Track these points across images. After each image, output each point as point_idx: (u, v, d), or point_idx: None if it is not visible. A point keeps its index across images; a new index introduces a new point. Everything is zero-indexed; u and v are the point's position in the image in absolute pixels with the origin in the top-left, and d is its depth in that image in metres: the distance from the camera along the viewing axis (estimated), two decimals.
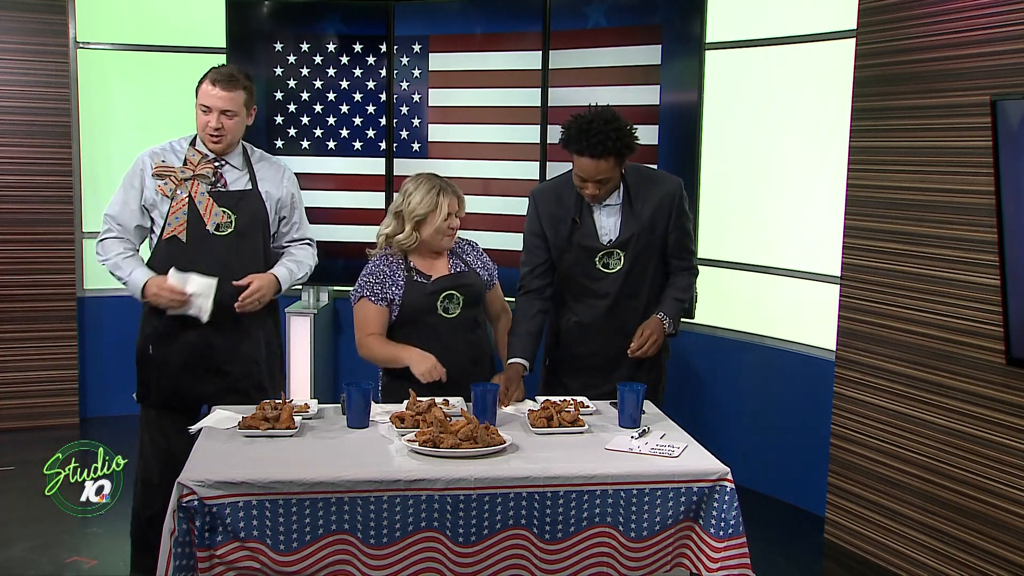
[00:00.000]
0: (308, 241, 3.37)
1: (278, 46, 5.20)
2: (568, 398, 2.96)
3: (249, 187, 3.16)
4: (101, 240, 3.12)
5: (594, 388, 3.17)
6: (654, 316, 3.12)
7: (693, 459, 2.53)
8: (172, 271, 3.00)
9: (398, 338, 3.10)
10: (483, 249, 3.32)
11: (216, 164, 3.12)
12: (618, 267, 3.15)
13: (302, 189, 3.16)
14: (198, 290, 3.00)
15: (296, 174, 5.20)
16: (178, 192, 3.05)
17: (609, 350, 3.18)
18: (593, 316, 3.20)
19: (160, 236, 3.08)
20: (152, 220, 3.12)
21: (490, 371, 3.19)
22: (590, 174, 3.00)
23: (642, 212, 3.12)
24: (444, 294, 3.08)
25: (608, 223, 3.16)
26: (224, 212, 3.07)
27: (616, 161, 3.00)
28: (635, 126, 3.09)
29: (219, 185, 3.11)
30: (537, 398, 3.01)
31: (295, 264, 3.25)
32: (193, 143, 3.14)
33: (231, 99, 3.04)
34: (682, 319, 3.30)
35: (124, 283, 3.08)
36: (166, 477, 3.03)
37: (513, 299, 3.29)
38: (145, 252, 3.18)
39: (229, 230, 3.08)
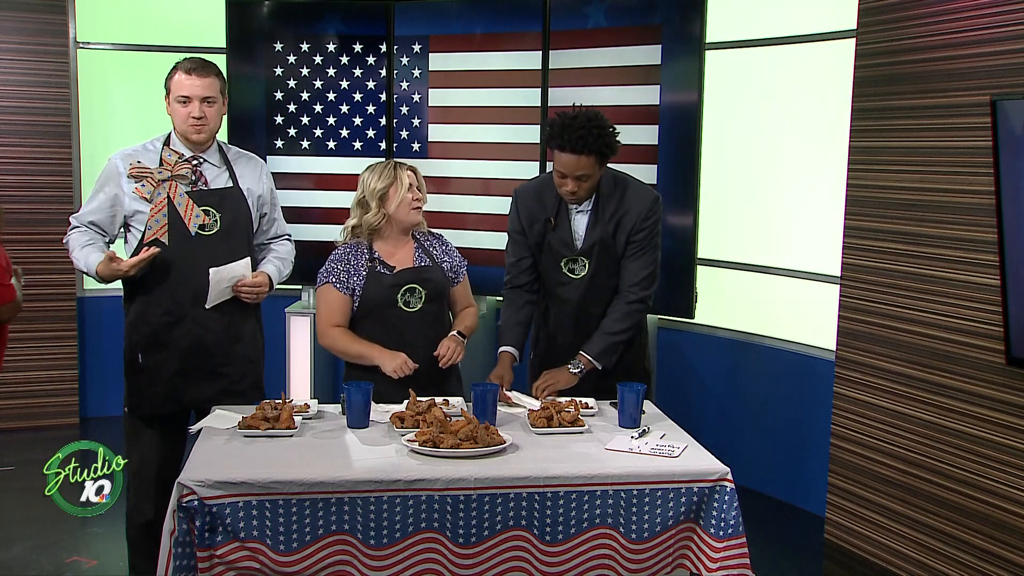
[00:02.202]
0: (287, 236, 3.33)
1: (278, 46, 5.20)
2: (569, 398, 2.95)
3: (230, 184, 3.09)
4: (67, 239, 3.04)
5: (570, 394, 3.13)
6: (565, 367, 3.08)
7: (693, 459, 2.52)
8: (212, 270, 2.95)
9: (358, 330, 3.07)
10: (454, 245, 3.28)
11: (194, 163, 3.04)
12: (582, 273, 3.15)
13: (302, 189, 3.16)
14: (222, 276, 2.96)
15: (296, 174, 5.27)
16: (157, 194, 2.96)
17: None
18: (559, 321, 3.22)
19: (141, 240, 2.99)
20: (129, 226, 3.04)
21: (453, 367, 3.16)
22: (570, 169, 2.99)
23: (608, 222, 3.11)
24: (405, 287, 3.05)
25: (581, 228, 3.15)
26: (206, 212, 3.00)
27: (597, 160, 2.99)
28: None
29: (200, 184, 3.04)
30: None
31: (280, 262, 3.22)
32: (167, 143, 3.05)
33: (209, 84, 2.98)
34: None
35: (85, 272, 2.99)
36: (159, 484, 3.02)
37: (496, 296, 3.28)
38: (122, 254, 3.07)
39: (215, 229, 3.02)
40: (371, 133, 5.24)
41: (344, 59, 5.20)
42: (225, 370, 3.09)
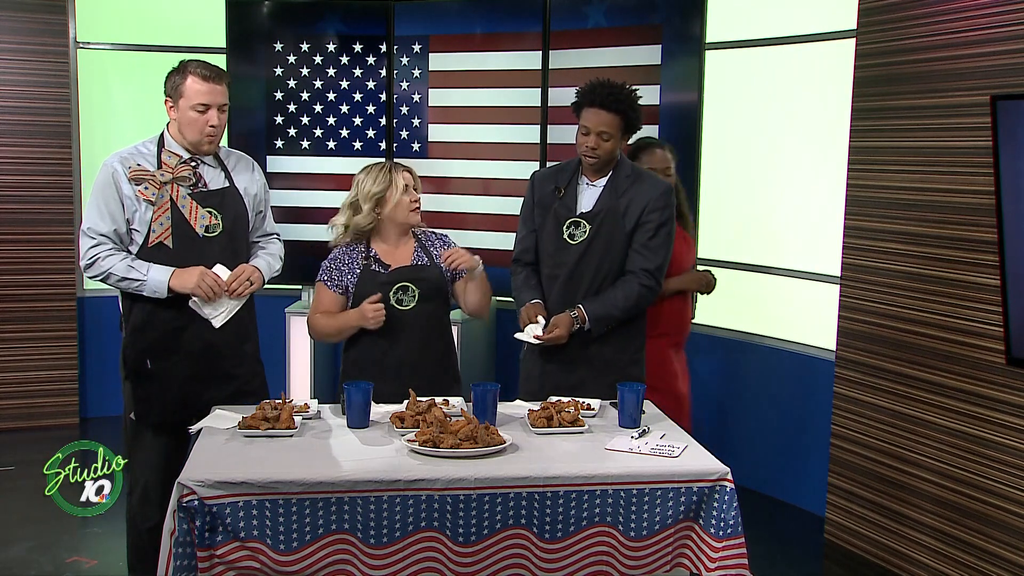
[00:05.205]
0: (277, 235, 3.29)
1: (278, 46, 5.21)
2: (569, 399, 2.95)
3: (227, 184, 3.05)
4: (92, 259, 2.91)
5: (566, 372, 3.17)
6: (566, 312, 3.11)
7: (693, 459, 2.52)
8: (218, 266, 2.93)
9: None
10: (460, 245, 3.26)
11: (192, 164, 2.99)
12: (582, 238, 3.17)
13: (302, 189, 3.15)
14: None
15: (296, 174, 5.27)
16: (160, 196, 2.91)
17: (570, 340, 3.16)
18: (547, 295, 3.21)
19: (144, 244, 2.93)
20: (130, 230, 2.96)
21: (450, 368, 3.15)
22: (594, 124, 3.08)
23: (620, 196, 3.16)
24: (398, 285, 3.04)
25: (587, 200, 3.20)
26: (210, 213, 2.97)
27: (622, 122, 3.09)
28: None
29: (200, 185, 2.99)
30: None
31: (271, 257, 3.18)
32: (161, 144, 2.99)
33: (224, 91, 2.95)
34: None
35: (139, 283, 2.89)
36: (164, 488, 3.00)
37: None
38: None
39: (218, 231, 2.99)
40: (371, 133, 5.25)
41: (344, 59, 5.20)
42: (237, 371, 3.07)
